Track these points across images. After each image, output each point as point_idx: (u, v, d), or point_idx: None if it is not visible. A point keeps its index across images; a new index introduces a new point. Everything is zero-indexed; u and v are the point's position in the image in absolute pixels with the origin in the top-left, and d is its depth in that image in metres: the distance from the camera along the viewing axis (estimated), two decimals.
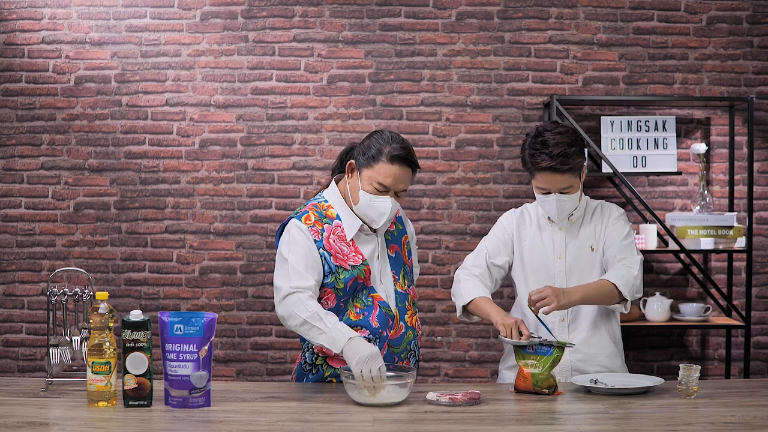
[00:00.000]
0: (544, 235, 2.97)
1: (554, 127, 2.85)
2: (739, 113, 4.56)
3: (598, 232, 2.95)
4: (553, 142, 2.79)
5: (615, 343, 2.98)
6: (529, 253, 2.97)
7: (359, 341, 2.55)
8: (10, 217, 4.60)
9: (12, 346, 4.62)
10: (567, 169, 2.80)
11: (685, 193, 4.61)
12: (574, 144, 2.81)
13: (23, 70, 4.57)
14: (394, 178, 2.66)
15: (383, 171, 2.66)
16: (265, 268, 4.59)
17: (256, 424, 2.29)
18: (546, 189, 2.86)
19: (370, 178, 2.67)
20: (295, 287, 2.65)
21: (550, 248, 2.95)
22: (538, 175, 2.84)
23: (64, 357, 2.70)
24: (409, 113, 4.59)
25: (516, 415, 2.43)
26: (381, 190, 2.67)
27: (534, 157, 2.81)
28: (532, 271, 2.96)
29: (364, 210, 2.71)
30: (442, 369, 4.61)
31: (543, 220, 2.99)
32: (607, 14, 4.58)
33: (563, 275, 2.93)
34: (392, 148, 2.66)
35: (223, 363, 4.59)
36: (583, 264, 2.93)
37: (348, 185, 2.75)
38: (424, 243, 4.57)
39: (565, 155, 2.78)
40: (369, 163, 2.67)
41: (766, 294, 4.64)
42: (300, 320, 2.62)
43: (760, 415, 2.36)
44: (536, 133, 2.85)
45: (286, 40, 4.57)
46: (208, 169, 4.59)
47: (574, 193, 2.87)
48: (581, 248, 2.94)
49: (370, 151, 2.68)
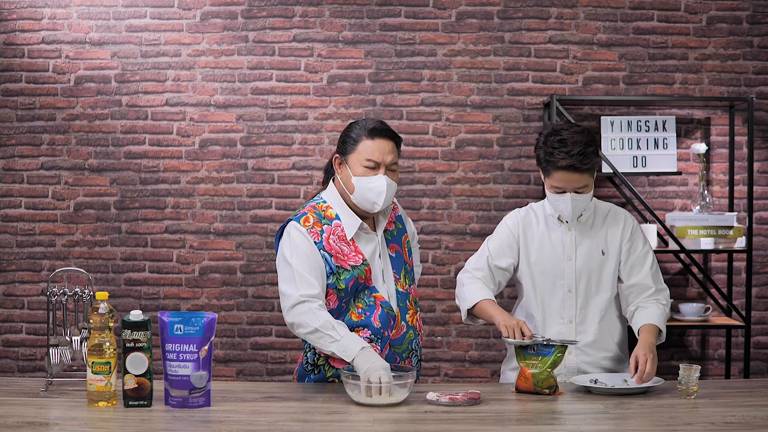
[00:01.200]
0: (554, 236, 2.95)
1: (570, 126, 2.84)
2: (739, 113, 4.56)
3: (611, 238, 2.94)
4: (571, 141, 2.77)
5: (620, 347, 2.98)
6: (538, 254, 2.95)
7: (372, 352, 2.57)
8: (10, 217, 4.60)
9: (12, 346, 4.62)
10: (586, 169, 2.79)
11: (685, 193, 4.61)
12: (591, 144, 2.80)
13: (23, 70, 4.57)
14: (380, 151, 2.70)
15: (366, 148, 2.70)
16: (265, 268, 4.59)
17: (256, 424, 2.29)
18: (561, 188, 2.83)
19: (357, 160, 2.70)
20: (305, 296, 2.65)
21: (560, 249, 2.94)
22: (555, 174, 2.82)
23: (64, 357, 2.70)
24: (409, 113, 4.59)
25: (516, 415, 2.43)
26: (371, 167, 2.70)
27: (552, 156, 2.79)
28: (541, 272, 2.95)
29: (362, 194, 2.71)
30: (442, 369, 4.61)
31: (551, 220, 2.97)
32: (607, 14, 4.58)
33: (573, 277, 2.92)
34: (368, 125, 2.73)
35: (223, 363, 4.59)
36: (592, 266, 2.92)
37: (340, 180, 2.76)
38: (424, 243, 4.57)
39: (584, 154, 2.77)
40: (352, 147, 2.72)
41: (766, 294, 4.64)
42: (311, 329, 2.62)
43: (760, 415, 2.36)
44: (553, 131, 2.83)
45: (286, 40, 4.57)
46: (208, 169, 4.59)
47: (588, 192, 2.86)
48: (591, 250, 2.93)
49: (350, 138, 2.74)
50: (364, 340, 2.62)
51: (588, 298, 2.93)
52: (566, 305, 2.92)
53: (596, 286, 2.93)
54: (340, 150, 2.76)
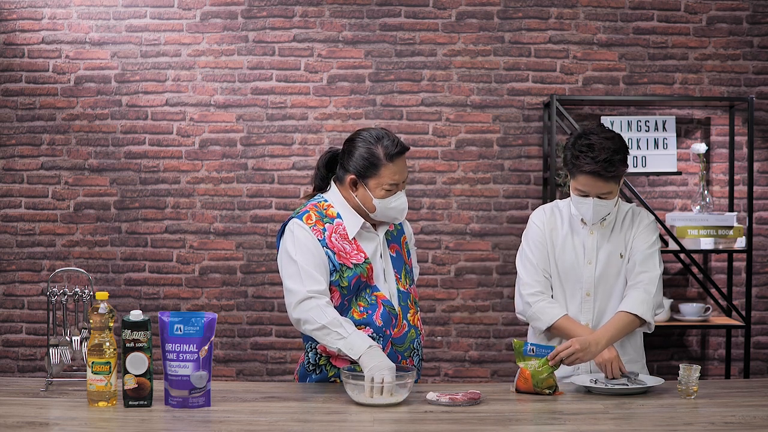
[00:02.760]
0: (576, 239, 2.94)
1: (601, 131, 2.80)
2: (739, 113, 4.56)
3: (627, 239, 2.93)
4: (599, 147, 2.74)
5: (635, 349, 2.96)
6: (560, 256, 2.93)
7: (379, 351, 2.57)
8: (10, 217, 4.60)
9: (12, 346, 4.62)
10: (611, 176, 2.76)
11: (685, 193, 4.61)
12: (619, 151, 2.77)
13: (23, 70, 4.57)
14: (400, 173, 2.71)
15: (388, 172, 2.69)
16: (265, 268, 4.59)
17: (256, 424, 2.29)
18: (585, 192, 2.81)
19: (379, 184, 2.69)
20: (312, 291, 2.65)
21: (581, 252, 2.92)
22: (580, 178, 2.79)
23: (64, 357, 2.70)
24: (409, 113, 4.59)
25: (516, 415, 2.43)
26: (393, 190, 2.71)
27: (578, 159, 2.76)
28: (562, 273, 2.93)
29: (385, 213, 2.74)
30: (442, 369, 4.61)
31: (575, 222, 2.94)
32: (607, 14, 4.58)
33: (591, 281, 2.91)
34: (386, 149, 2.68)
35: (223, 363, 4.59)
36: (611, 271, 2.91)
37: (356, 198, 2.74)
38: (424, 243, 4.57)
39: (610, 162, 2.74)
40: (372, 172, 2.69)
41: (766, 294, 4.64)
42: (318, 325, 2.62)
43: (760, 415, 2.36)
44: (582, 134, 2.80)
45: (286, 40, 4.57)
46: (208, 169, 4.59)
47: (612, 198, 2.84)
48: (611, 255, 2.91)
49: (366, 161, 2.69)
50: (371, 339, 2.62)
51: (605, 302, 2.91)
52: (584, 309, 2.91)
53: (614, 289, 2.92)
54: (355, 171, 2.71)
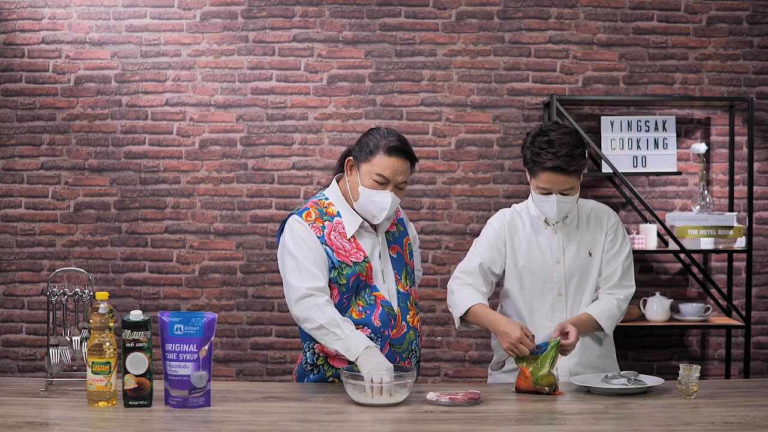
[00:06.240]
0: (540, 239, 2.94)
1: (558, 127, 2.82)
2: (739, 113, 4.56)
3: (595, 238, 2.94)
4: (559, 142, 2.76)
5: (600, 344, 2.97)
6: (526, 257, 2.94)
7: (377, 352, 2.57)
8: (10, 217, 4.60)
9: (12, 346, 4.62)
10: (572, 171, 2.77)
11: (685, 193, 4.61)
12: (578, 146, 2.79)
13: (23, 70, 4.57)
14: (393, 170, 2.69)
15: (381, 163, 2.68)
16: (265, 268, 4.59)
17: (256, 424, 2.29)
18: (547, 189, 2.82)
19: (368, 171, 2.70)
20: (311, 289, 2.65)
21: (548, 252, 2.93)
22: (542, 175, 2.80)
23: (64, 357, 2.70)
24: (409, 113, 4.59)
25: (516, 415, 2.43)
26: (381, 182, 2.69)
27: (539, 156, 2.77)
28: (530, 276, 2.93)
29: (365, 205, 2.72)
30: (442, 369, 4.61)
31: (537, 222, 2.95)
32: (607, 14, 4.58)
33: (562, 279, 2.92)
34: (388, 141, 2.70)
35: (223, 363, 4.59)
36: (580, 268, 2.92)
37: (348, 183, 2.76)
38: (424, 243, 4.57)
39: (571, 156, 2.75)
40: (366, 157, 2.70)
41: (766, 294, 4.64)
42: (316, 324, 2.62)
43: (760, 415, 2.36)
44: (540, 132, 2.81)
45: (286, 40, 4.57)
46: (208, 169, 4.59)
47: (574, 194, 2.85)
48: (579, 252, 2.92)
49: (368, 146, 2.71)
50: (368, 340, 2.62)
51: (577, 300, 2.93)
52: (556, 308, 2.92)
53: (584, 287, 2.93)
54: (354, 153, 2.75)
